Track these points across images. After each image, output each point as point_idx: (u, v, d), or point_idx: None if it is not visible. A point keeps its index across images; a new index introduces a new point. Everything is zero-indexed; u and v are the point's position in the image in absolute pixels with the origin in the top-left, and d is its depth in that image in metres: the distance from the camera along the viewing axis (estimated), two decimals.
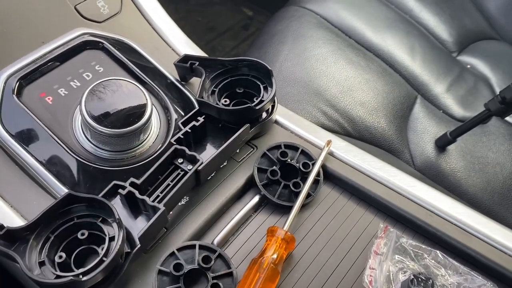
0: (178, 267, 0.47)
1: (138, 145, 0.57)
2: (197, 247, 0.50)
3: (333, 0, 1.04)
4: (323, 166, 0.58)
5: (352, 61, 0.93)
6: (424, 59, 1.00)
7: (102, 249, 0.46)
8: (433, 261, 0.49)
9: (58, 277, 0.44)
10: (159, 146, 0.58)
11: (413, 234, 0.54)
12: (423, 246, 0.51)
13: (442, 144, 0.89)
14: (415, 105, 0.95)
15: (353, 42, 0.99)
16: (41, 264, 0.45)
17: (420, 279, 0.46)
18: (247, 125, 0.57)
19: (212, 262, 0.48)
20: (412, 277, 0.46)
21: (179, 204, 0.54)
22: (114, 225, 0.47)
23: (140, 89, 0.56)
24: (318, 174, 0.57)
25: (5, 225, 0.46)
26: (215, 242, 0.52)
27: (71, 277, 0.42)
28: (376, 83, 0.91)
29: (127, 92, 0.55)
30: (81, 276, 0.43)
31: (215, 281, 0.47)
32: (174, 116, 0.61)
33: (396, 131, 0.88)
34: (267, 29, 1.00)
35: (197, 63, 0.62)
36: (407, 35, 1.03)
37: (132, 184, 0.50)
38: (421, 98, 0.96)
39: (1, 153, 0.56)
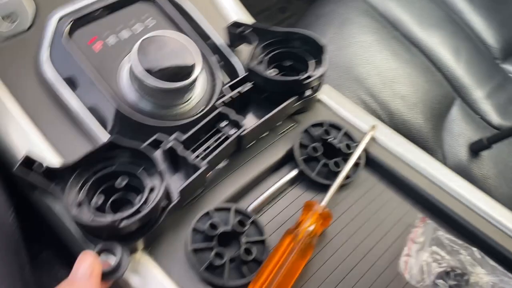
0: (213, 227, 0.47)
1: (182, 104, 0.56)
2: (232, 210, 0.49)
3: None
4: (365, 150, 0.57)
5: (396, 53, 0.91)
6: (467, 62, 0.98)
7: (140, 199, 0.45)
8: (469, 257, 0.48)
9: (94, 220, 0.44)
10: (201, 108, 0.57)
11: (451, 229, 0.53)
12: (460, 242, 0.50)
13: (476, 149, 0.87)
14: (453, 106, 0.93)
15: (399, 34, 0.97)
16: (79, 205, 0.45)
17: (455, 273, 0.46)
18: (295, 97, 0.56)
19: (247, 227, 0.48)
20: (448, 269, 0.46)
21: (217, 167, 0.54)
22: (156, 176, 0.46)
23: (191, 47, 0.55)
24: (359, 158, 0.56)
25: (45, 163, 0.46)
26: (249, 209, 0.52)
27: (110, 221, 0.42)
28: (417, 79, 0.89)
29: (178, 49, 0.54)
30: (118, 222, 0.43)
31: (247, 246, 0.47)
32: (220, 80, 0.60)
33: (432, 129, 0.86)
34: (313, 11, 0.98)
35: (249, 30, 0.61)
36: (453, 36, 1.01)
37: (175, 140, 0.50)
38: (460, 101, 0.94)
39: (48, 94, 0.55)
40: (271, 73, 0.59)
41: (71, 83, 0.55)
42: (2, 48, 0.56)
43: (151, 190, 0.46)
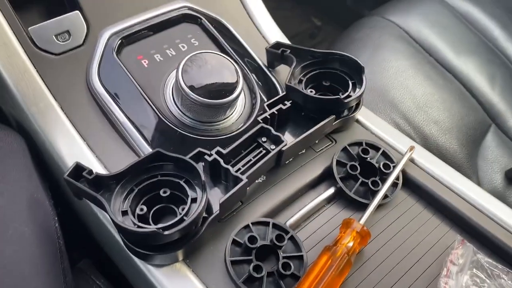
0: (252, 239, 0.48)
1: (223, 120, 0.58)
2: (270, 224, 0.50)
3: (417, 17, 1.03)
4: (402, 171, 0.57)
5: (430, 78, 0.91)
6: (503, 89, 0.97)
7: (183, 209, 0.46)
8: (510, 282, 0.47)
9: (138, 228, 0.45)
10: (240, 125, 0.59)
11: (490, 253, 0.52)
12: (500, 266, 0.49)
13: None
14: (488, 133, 0.92)
15: (433, 60, 0.97)
16: (124, 213, 0.46)
17: None
18: (333, 116, 0.57)
19: (285, 242, 0.48)
20: None
21: (256, 182, 0.55)
22: (198, 187, 0.47)
23: (234, 66, 0.57)
24: (397, 178, 0.56)
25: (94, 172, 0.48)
26: (287, 224, 0.52)
27: (155, 229, 0.43)
28: (452, 104, 0.89)
29: (221, 67, 0.56)
30: (162, 230, 0.44)
31: (285, 260, 0.47)
32: (259, 98, 0.61)
33: (467, 155, 0.85)
34: (348, 33, 1.00)
35: (289, 51, 0.63)
36: (489, 63, 1.00)
37: (218, 153, 0.51)
38: (495, 128, 0.93)
39: (95, 106, 0.58)
40: (311, 92, 0.60)
41: (118, 97, 0.58)
42: (55, 62, 0.59)
43: (193, 201, 0.47)
